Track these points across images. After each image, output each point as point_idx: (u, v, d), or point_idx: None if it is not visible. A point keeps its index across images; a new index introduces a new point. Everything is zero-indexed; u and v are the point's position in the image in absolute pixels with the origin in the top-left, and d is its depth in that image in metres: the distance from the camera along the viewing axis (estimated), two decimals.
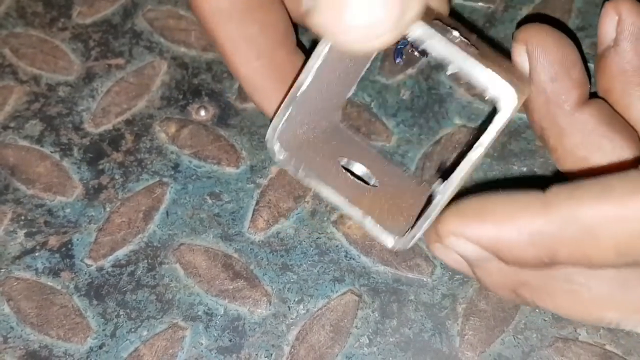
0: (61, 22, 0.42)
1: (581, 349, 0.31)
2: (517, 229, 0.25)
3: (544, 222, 0.24)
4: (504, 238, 0.25)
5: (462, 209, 0.26)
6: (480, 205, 0.26)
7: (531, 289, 0.28)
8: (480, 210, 0.26)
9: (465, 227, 0.26)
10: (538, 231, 0.24)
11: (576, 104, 0.28)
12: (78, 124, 0.38)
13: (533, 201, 0.25)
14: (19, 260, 0.34)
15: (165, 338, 0.32)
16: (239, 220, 0.35)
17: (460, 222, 0.26)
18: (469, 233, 0.26)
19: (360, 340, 0.32)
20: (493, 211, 0.25)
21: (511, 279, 0.28)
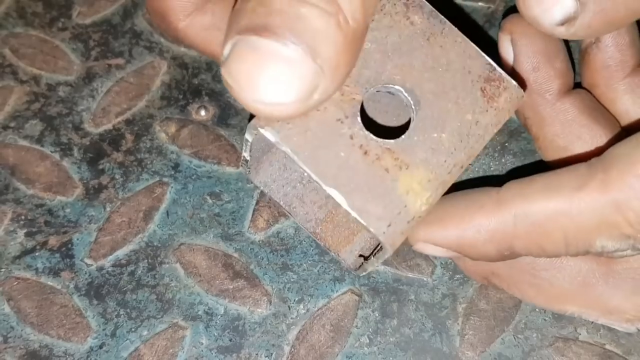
0: (61, 22, 0.42)
1: (581, 348, 0.31)
2: (476, 229, 0.27)
3: (498, 220, 0.26)
4: (466, 238, 0.27)
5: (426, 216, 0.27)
6: (442, 210, 0.27)
7: (500, 278, 0.30)
8: (441, 215, 0.27)
9: (430, 233, 0.27)
10: (494, 229, 0.26)
11: (558, 93, 0.29)
12: (78, 124, 0.38)
13: (488, 201, 0.27)
14: (19, 260, 0.34)
15: (165, 338, 0.32)
16: (239, 220, 0.35)
17: (425, 229, 0.28)
18: (434, 238, 0.28)
19: (360, 340, 0.32)
20: (453, 215, 0.27)
21: (483, 268, 0.30)
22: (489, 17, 0.41)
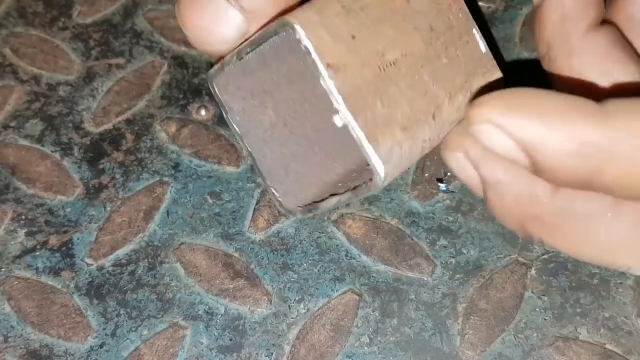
0: (61, 21, 0.42)
1: (581, 348, 0.31)
2: (567, 134, 0.22)
3: (600, 133, 0.22)
4: (550, 140, 0.22)
5: (507, 96, 0.23)
6: (530, 97, 0.23)
7: (543, 225, 0.26)
8: (529, 103, 0.23)
9: (509, 118, 0.22)
10: (590, 141, 0.22)
11: (592, 24, 0.27)
12: (78, 124, 0.38)
13: (590, 108, 0.22)
14: (20, 260, 0.34)
15: (165, 337, 0.32)
16: (240, 220, 0.35)
17: (504, 111, 0.23)
18: (512, 126, 0.22)
19: (360, 340, 0.32)
20: (545, 108, 0.22)
21: (525, 209, 0.26)
22: (489, 17, 0.41)
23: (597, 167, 0.22)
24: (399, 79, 0.25)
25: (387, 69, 0.25)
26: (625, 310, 0.32)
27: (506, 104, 0.23)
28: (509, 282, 0.33)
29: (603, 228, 0.26)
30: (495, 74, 0.28)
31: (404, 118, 0.25)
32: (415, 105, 0.26)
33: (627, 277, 0.33)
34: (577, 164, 0.22)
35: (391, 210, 0.35)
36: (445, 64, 0.27)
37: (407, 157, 0.25)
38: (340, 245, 0.34)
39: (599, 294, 0.33)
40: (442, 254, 0.34)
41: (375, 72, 0.25)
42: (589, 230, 0.26)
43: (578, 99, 0.23)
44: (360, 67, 0.24)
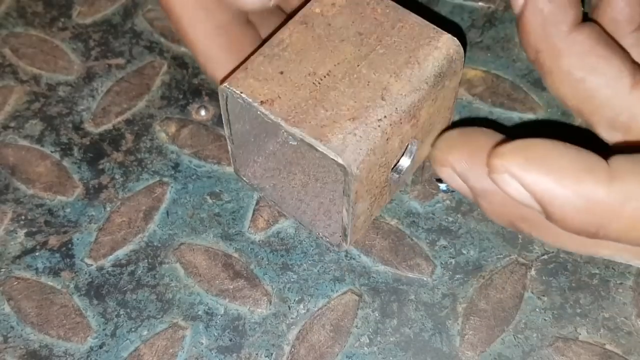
0: (61, 21, 0.42)
1: (581, 348, 0.31)
2: (577, 192, 0.24)
3: (606, 193, 0.24)
4: (561, 196, 0.24)
5: (525, 150, 0.25)
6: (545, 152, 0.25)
7: (529, 223, 0.28)
8: (544, 159, 0.25)
9: (525, 172, 0.25)
10: (596, 200, 0.24)
11: (572, 24, 0.28)
12: (78, 124, 0.38)
13: (599, 167, 0.24)
14: (19, 260, 0.34)
15: (165, 337, 0.32)
16: (239, 220, 0.35)
17: (521, 164, 0.25)
18: (527, 179, 0.25)
19: (360, 340, 0.32)
20: (557, 165, 0.25)
21: (512, 212, 0.28)
22: (489, 17, 0.41)
23: (603, 221, 0.24)
24: (337, 84, 0.29)
25: (322, 82, 0.29)
26: (625, 310, 0.32)
27: (524, 157, 0.25)
28: (508, 282, 0.33)
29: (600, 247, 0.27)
30: (443, 36, 0.30)
31: (350, 111, 0.28)
32: (360, 96, 0.29)
33: (627, 278, 0.33)
34: (584, 218, 0.24)
35: (391, 210, 0.35)
36: (382, 53, 0.30)
37: (366, 138, 0.27)
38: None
39: (598, 294, 0.33)
40: (442, 254, 0.34)
41: (311, 89, 0.28)
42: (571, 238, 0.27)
43: (589, 156, 0.25)
44: (294, 91, 0.28)
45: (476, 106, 0.38)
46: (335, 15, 0.30)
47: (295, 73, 0.29)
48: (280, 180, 0.34)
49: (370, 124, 0.28)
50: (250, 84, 0.28)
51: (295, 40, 0.30)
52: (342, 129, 0.27)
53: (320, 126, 0.27)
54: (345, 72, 0.29)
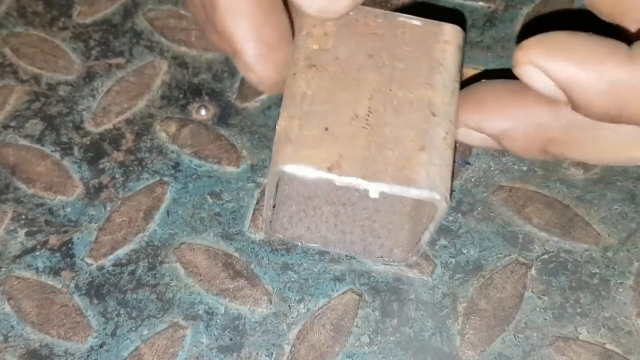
0: (61, 21, 0.42)
1: (582, 348, 0.31)
2: (600, 75, 0.25)
3: (627, 73, 0.24)
4: (584, 80, 0.25)
5: (547, 41, 0.26)
6: (568, 41, 0.25)
7: (559, 143, 0.28)
8: (566, 47, 0.25)
9: (548, 60, 0.25)
10: (619, 80, 0.25)
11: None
12: (78, 123, 0.38)
13: (620, 51, 0.25)
14: (20, 260, 0.34)
15: (165, 337, 0.32)
16: (240, 220, 0.35)
17: (544, 54, 0.25)
18: (551, 67, 0.25)
19: (360, 339, 0.32)
20: (580, 51, 0.25)
21: (539, 139, 0.28)
22: (489, 16, 0.41)
23: (625, 103, 0.25)
24: (384, 117, 0.27)
25: (369, 121, 0.27)
26: (625, 310, 0.32)
27: (546, 47, 0.25)
28: (509, 282, 0.33)
29: (611, 131, 0.27)
30: (445, 27, 0.29)
31: (415, 141, 0.27)
32: (412, 122, 0.27)
33: (627, 277, 0.33)
34: (608, 100, 0.25)
35: None
36: (403, 68, 0.28)
37: (443, 162, 0.27)
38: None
39: (599, 293, 0.33)
40: (442, 253, 0.34)
41: (365, 134, 0.27)
42: (598, 136, 0.28)
43: (610, 42, 0.25)
44: (351, 143, 0.27)
45: None
46: (336, 45, 0.29)
47: (339, 124, 0.27)
48: (311, 219, 0.34)
49: (439, 146, 0.27)
50: (306, 155, 0.26)
51: (317, 89, 0.28)
52: (419, 164, 0.26)
53: (399, 169, 0.26)
54: (383, 102, 0.28)
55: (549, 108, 0.27)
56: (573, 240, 0.34)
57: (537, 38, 0.26)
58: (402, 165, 0.26)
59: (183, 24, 0.41)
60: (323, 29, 0.29)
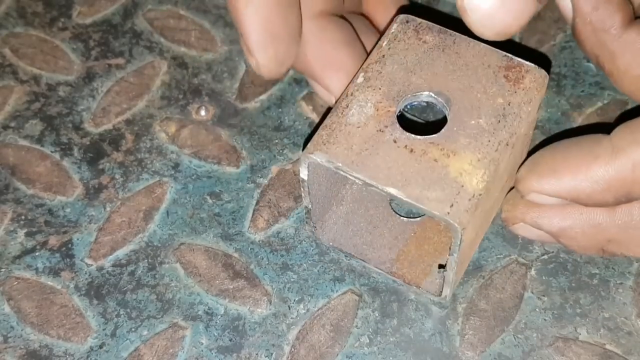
0: (61, 22, 0.42)
1: (581, 348, 0.31)
2: (593, 180, 0.27)
3: (617, 169, 0.27)
4: (582, 189, 0.27)
5: (536, 166, 0.29)
6: (554, 160, 0.28)
7: (617, 243, 0.30)
8: (554, 166, 0.28)
9: (543, 184, 0.28)
10: (612, 178, 0.27)
11: (621, 26, 0.29)
12: (78, 124, 0.38)
13: (603, 151, 0.27)
14: (19, 260, 0.34)
15: (165, 338, 0.32)
16: (239, 220, 0.35)
17: (537, 180, 0.28)
18: (548, 189, 0.28)
19: (360, 340, 0.32)
20: (567, 166, 0.28)
21: (597, 238, 0.30)
22: None
23: (627, 190, 0.27)
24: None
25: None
26: (625, 310, 0.32)
27: (538, 173, 0.28)
28: (508, 282, 0.33)
29: None
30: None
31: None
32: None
33: (627, 278, 0.33)
34: (612, 194, 0.27)
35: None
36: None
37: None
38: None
39: (598, 294, 0.33)
40: None
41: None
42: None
43: (590, 142, 0.28)
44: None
45: None
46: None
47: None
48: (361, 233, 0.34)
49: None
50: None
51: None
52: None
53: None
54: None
55: (606, 209, 0.29)
56: None
57: (524, 167, 0.29)
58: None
59: (183, 24, 0.41)
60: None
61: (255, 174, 0.36)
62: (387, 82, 0.29)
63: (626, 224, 0.29)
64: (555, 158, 0.28)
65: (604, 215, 0.29)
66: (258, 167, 0.37)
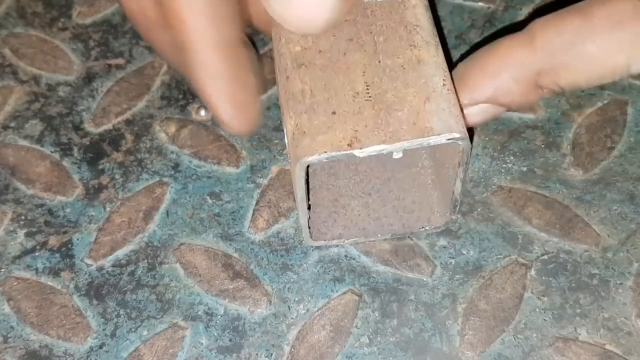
0: (61, 22, 0.42)
1: (581, 348, 0.31)
2: (514, 69, 0.29)
3: (532, 57, 0.28)
4: (506, 81, 0.29)
5: (460, 78, 0.30)
6: (470, 67, 0.30)
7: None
8: (473, 73, 0.30)
9: (471, 94, 0.29)
10: (531, 61, 0.28)
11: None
12: (78, 124, 0.38)
13: (518, 40, 0.28)
14: (19, 260, 0.34)
15: (165, 338, 0.32)
16: (239, 220, 0.35)
17: (466, 91, 0.30)
18: (476, 97, 0.30)
19: (360, 340, 0.32)
20: (489, 68, 0.29)
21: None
22: (489, 17, 0.41)
23: (552, 70, 0.28)
24: (383, 85, 0.29)
25: (370, 93, 0.29)
26: (625, 310, 0.32)
27: (462, 85, 0.30)
28: (508, 282, 0.33)
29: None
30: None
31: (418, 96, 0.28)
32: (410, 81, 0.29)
33: (627, 278, 0.33)
34: (531, 83, 0.29)
35: None
36: (383, 40, 0.30)
37: (451, 105, 0.28)
38: (340, 245, 0.34)
39: (598, 294, 0.33)
40: (442, 254, 0.34)
41: (370, 105, 0.28)
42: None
43: (509, 39, 0.29)
44: (361, 117, 0.28)
45: None
46: (315, 41, 0.30)
47: (344, 105, 0.28)
48: (344, 218, 0.34)
49: (442, 93, 0.29)
50: (323, 140, 0.28)
51: (312, 82, 0.29)
52: (429, 113, 0.28)
53: (413, 125, 0.28)
54: (377, 73, 0.29)
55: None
56: (573, 241, 0.34)
57: (456, 78, 0.30)
58: (414, 120, 0.28)
59: None
60: None
61: (255, 174, 0.36)
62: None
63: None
64: (472, 65, 0.30)
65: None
66: (258, 167, 0.37)
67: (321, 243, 0.34)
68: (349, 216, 0.34)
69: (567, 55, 0.29)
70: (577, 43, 0.28)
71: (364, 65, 0.29)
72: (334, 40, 0.30)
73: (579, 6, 0.28)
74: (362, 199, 0.34)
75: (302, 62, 0.30)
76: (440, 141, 0.28)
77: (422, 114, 0.28)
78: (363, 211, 0.34)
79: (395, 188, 0.34)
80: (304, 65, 0.30)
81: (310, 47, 0.30)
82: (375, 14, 0.31)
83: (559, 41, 0.29)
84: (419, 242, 0.34)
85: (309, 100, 0.29)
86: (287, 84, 0.30)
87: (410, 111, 0.28)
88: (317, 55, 0.30)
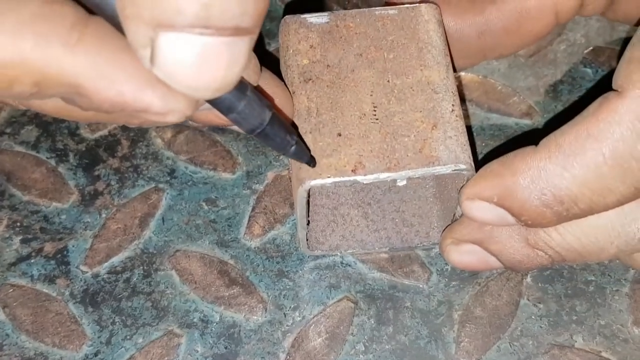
0: None
1: (577, 355, 0.31)
2: (528, 181, 0.27)
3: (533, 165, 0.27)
4: (515, 189, 0.27)
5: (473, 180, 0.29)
6: (488, 175, 0.28)
7: (543, 235, 0.29)
8: (483, 173, 0.28)
9: (474, 190, 0.28)
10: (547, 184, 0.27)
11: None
12: (74, 130, 0.38)
13: (525, 152, 0.27)
14: (15, 267, 0.34)
15: (160, 345, 0.32)
16: (235, 227, 0.35)
17: (470, 187, 0.28)
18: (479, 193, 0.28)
19: (356, 347, 0.32)
20: (495, 170, 0.28)
21: (523, 234, 0.29)
22: None
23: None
24: (391, 108, 0.29)
25: (377, 115, 0.28)
26: (621, 317, 0.32)
27: (473, 181, 0.28)
28: (504, 289, 0.33)
29: (589, 233, 0.28)
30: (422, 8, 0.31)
31: (425, 122, 0.28)
32: (418, 104, 0.29)
33: (623, 285, 0.33)
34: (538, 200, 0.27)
35: None
36: (392, 57, 0.30)
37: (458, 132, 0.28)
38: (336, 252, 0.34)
39: (594, 301, 0.33)
40: (438, 261, 0.34)
41: (377, 128, 0.28)
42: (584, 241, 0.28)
43: (518, 153, 0.27)
44: (366, 140, 0.28)
45: (472, 111, 0.38)
46: (324, 54, 0.30)
47: (350, 126, 0.28)
48: (343, 227, 0.34)
49: (449, 120, 0.28)
50: (328, 164, 0.27)
51: (319, 99, 0.29)
52: (436, 141, 0.28)
53: (419, 152, 0.27)
54: (385, 94, 0.29)
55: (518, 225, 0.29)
56: None
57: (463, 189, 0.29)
58: (420, 147, 0.28)
59: None
60: (308, 42, 0.30)
61: (251, 180, 0.36)
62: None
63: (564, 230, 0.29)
64: (482, 174, 0.28)
65: (519, 235, 0.29)
66: (254, 173, 0.37)
67: (318, 253, 0.33)
68: (347, 226, 0.34)
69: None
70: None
71: (372, 84, 0.29)
72: (342, 54, 0.30)
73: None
74: (362, 208, 0.34)
75: (309, 77, 0.29)
76: (445, 171, 0.27)
77: (428, 141, 0.28)
78: (362, 222, 0.34)
79: (395, 199, 0.34)
80: (311, 80, 0.29)
81: (318, 60, 0.30)
82: (387, 27, 0.31)
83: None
84: (415, 249, 0.34)
85: (315, 120, 0.28)
86: (293, 99, 0.29)
87: (417, 137, 0.28)
88: (325, 70, 0.30)
